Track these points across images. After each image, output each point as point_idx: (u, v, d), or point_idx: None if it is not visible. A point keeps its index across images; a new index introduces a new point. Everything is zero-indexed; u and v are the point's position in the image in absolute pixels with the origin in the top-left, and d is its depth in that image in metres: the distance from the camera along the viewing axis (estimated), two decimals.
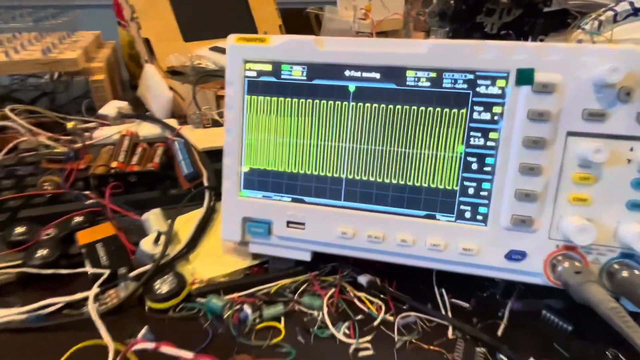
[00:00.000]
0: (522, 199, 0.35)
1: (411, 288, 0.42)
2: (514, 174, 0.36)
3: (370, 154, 0.39)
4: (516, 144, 0.35)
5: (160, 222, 0.47)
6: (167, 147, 0.61)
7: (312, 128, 0.40)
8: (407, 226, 0.39)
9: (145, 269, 0.42)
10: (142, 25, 0.93)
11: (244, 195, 0.42)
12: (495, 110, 0.36)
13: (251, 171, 0.42)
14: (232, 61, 0.40)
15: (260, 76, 0.40)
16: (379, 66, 0.37)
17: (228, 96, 0.41)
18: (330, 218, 0.40)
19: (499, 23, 0.84)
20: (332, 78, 0.39)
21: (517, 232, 0.36)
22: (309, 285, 0.42)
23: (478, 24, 0.84)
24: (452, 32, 0.85)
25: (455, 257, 0.38)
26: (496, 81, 0.35)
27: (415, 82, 0.37)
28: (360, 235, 0.39)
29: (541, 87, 0.34)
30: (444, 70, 0.36)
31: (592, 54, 0.33)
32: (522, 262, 0.37)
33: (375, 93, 0.38)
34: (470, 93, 0.36)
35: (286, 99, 0.40)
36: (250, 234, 0.42)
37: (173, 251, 0.45)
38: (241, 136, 0.41)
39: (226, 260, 0.45)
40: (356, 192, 0.40)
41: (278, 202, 0.41)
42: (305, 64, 0.39)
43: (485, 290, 0.43)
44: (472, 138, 0.37)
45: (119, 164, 0.55)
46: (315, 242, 0.41)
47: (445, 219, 0.38)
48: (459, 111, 0.36)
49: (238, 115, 0.41)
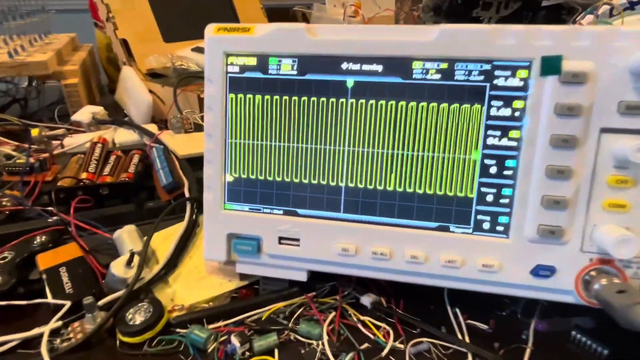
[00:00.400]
0: (550, 207, 0.31)
1: (421, 308, 0.38)
2: (539, 178, 0.31)
3: (373, 159, 0.34)
4: (542, 143, 0.31)
5: (134, 240, 0.42)
6: (144, 155, 0.56)
7: (305, 130, 0.35)
8: (418, 240, 0.34)
9: (117, 296, 0.37)
10: (119, 25, 0.88)
11: (229, 209, 0.37)
12: (517, 105, 0.31)
13: (236, 181, 0.37)
14: (212, 55, 0.35)
15: (244, 71, 0.35)
16: (381, 57, 0.33)
17: (208, 95, 0.35)
18: (329, 232, 0.35)
19: (497, 17, 0.80)
20: (327, 72, 0.34)
21: (544, 244, 0.32)
22: (305, 309, 0.37)
23: (474, 18, 0.80)
24: None
25: (473, 275, 0.33)
26: (517, 71, 0.31)
27: (423, 75, 0.32)
28: (364, 252, 0.34)
29: (570, 77, 0.29)
30: (457, 60, 0.32)
31: (629, 38, 0.29)
32: (550, 279, 0.32)
33: (377, 88, 0.33)
34: (487, 86, 0.31)
35: (275, 97, 0.35)
36: (237, 253, 0.37)
37: (149, 273, 0.40)
38: (224, 141, 0.36)
39: (210, 282, 0.40)
40: (357, 202, 0.35)
41: (268, 216, 0.36)
42: (295, 56, 0.34)
43: (504, 308, 0.38)
44: (490, 138, 0.32)
45: (89, 174, 0.49)
46: (311, 261, 0.36)
47: (460, 230, 0.33)
48: (474, 107, 0.32)
49: (220, 117, 0.35)
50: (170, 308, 0.37)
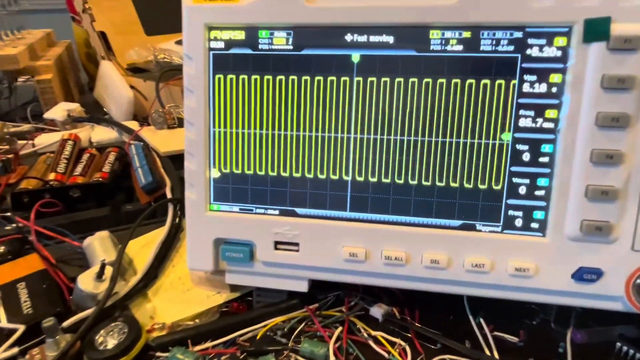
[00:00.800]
0: (596, 199, 0.26)
1: (439, 319, 0.34)
2: (583, 164, 0.26)
3: (384, 147, 0.29)
4: (586, 123, 0.26)
5: (107, 249, 0.37)
6: (122, 153, 0.50)
7: (303, 115, 0.30)
8: (438, 241, 0.29)
9: (85, 315, 0.31)
10: (96, 17, 0.82)
11: (215, 210, 0.32)
12: (554, 79, 0.26)
13: (223, 177, 0.31)
14: (191, 28, 0.30)
15: (230, 47, 0.30)
16: (392, 26, 0.28)
17: (187, 76, 0.30)
18: (333, 235, 0.30)
19: None
20: (329, 45, 0.29)
21: (588, 243, 0.27)
22: (307, 324, 0.33)
23: None
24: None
25: (505, 280, 0.28)
26: (554, 39, 0.26)
27: (442, 46, 0.27)
28: (375, 257, 0.30)
29: (621, 42, 0.25)
30: (482, 28, 0.27)
31: None
32: (596, 284, 0.27)
33: (387, 63, 0.28)
34: (519, 57, 0.27)
35: (267, 76, 0.30)
36: (226, 261, 0.32)
37: (125, 287, 0.34)
38: (208, 130, 0.31)
39: (196, 296, 0.35)
40: (367, 198, 0.30)
41: (262, 217, 0.31)
42: (290, 28, 0.29)
43: (534, 315, 0.34)
44: (522, 119, 0.27)
45: (57, 175, 0.44)
46: (313, 268, 0.31)
47: (488, 229, 0.29)
48: (503, 83, 0.27)
49: (202, 102, 0.30)
50: (149, 327, 0.32)
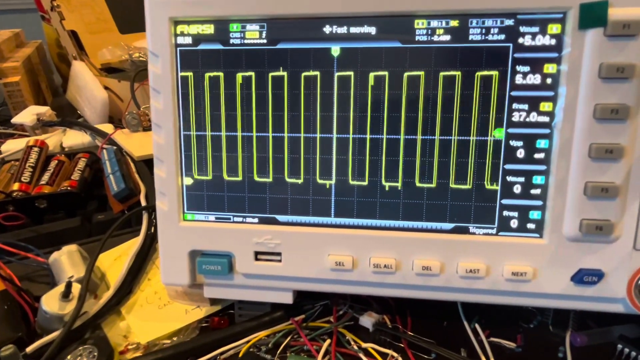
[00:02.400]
0: (596, 196, 0.25)
1: (433, 326, 0.33)
2: (581, 160, 0.25)
3: (369, 147, 0.27)
4: (583, 116, 0.24)
5: (76, 264, 0.34)
6: (93, 158, 0.47)
7: (281, 114, 0.27)
8: (430, 246, 0.27)
9: (51, 338, 0.29)
10: (66, 15, 0.78)
11: (190, 219, 0.29)
12: (549, 69, 0.25)
13: (197, 184, 0.29)
14: (155, 23, 0.27)
15: (198, 43, 0.27)
16: (374, 16, 0.26)
17: (153, 75, 0.28)
18: (317, 243, 0.28)
19: None
20: (306, 39, 0.26)
21: (588, 243, 0.26)
22: (293, 338, 0.31)
23: None
24: None
25: (501, 285, 0.27)
26: (548, 26, 0.24)
27: (428, 37, 0.25)
28: (363, 265, 0.28)
29: (619, 28, 0.23)
30: (470, 15, 0.25)
31: None
32: (597, 286, 0.26)
33: (370, 56, 0.26)
34: (511, 47, 0.25)
35: (240, 73, 0.27)
36: (204, 274, 0.30)
37: (95, 305, 0.32)
38: (178, 133, 0.28)
39: (173, 311, 0.33)
40: (352, 202, 0.28)
41: (240, 226, 0.29)
42: (264, 20, 0.26)
43: (531, 319, 0.32)
44: (515, 113, 0.25)
45: (21, 185, 0.41)
46: (297, 279, 0.29)
47: (482, 231, 0.27)
48: (495, 74, 0.25)
49: (170, 103, 0.28)
50: (122, 348, 0.30)
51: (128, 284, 0.34)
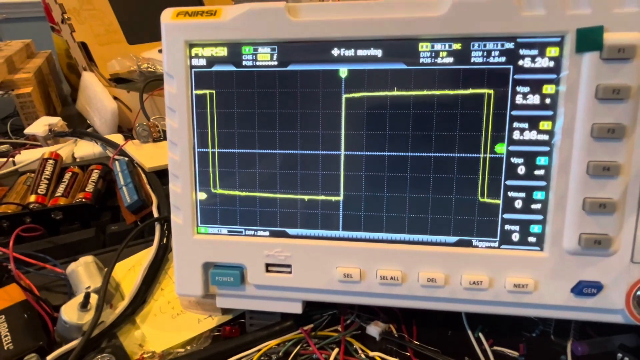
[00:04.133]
0: (595, 212, 0.25)
1: (438, 335, 0.34)
2: (580, 177, 0.26)
3: (376, 164, 0.28)
4: (581, 135, 0.25)
5: (92, 275, 0.35)
6: (106, 170, 0.49)
7: (291, 133, 0.28)
8: (435, 259, 0.28)
9: (71, 347, 0.30)
10: (76, 27, 0.80)
11: (203, 233, 0.31)
12: (548, 90, 0.26)
13: (210, 198, 0.30)
14: (171, 46, 0.28)
15: (212, 64, 0.29)
16: (380, 39, 0.27)
17: (169, 95, 0.29)
18: (326, 255, 0.29)
19: None
20: (315, 61, 0.28)
21: (587, 256, 0.27)
22: (302, 347, 0.32)
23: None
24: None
25: (504, 297, 0.28)
26: (546, 49, 0.25)
27: (432, 59, 0.27)
28: (370, 277, 0.29)
29: (614, 52, 0.24)
30: (472, 39, 0.26)
31: None
32: (596, 297, 0.27)
33: (376, 78, 0.27)
34: (511, 69, 0.26)
35: (252, 94, 0.28)
36: (216, 285, 0.31)
37: (112, 314, 0.33)
38: (192, 150, 0.30)
39: (187, 320, 0.34)
40: (359, 216, 0.29)
41: (252, 239, 0.30)
42: (275, 43, 0.28)
43: (533, 328, 0.33)
44: (516, 131, 0.27)
45: (38, 197, 0.42)
46: (307, 290, 0.30)
47: (485, 245, 0.28)
48: (496, 95, 0.26)
49: (185, 121, 0.29)
50: (138, 357, 0.31)
51: (142, 294, 0.36)
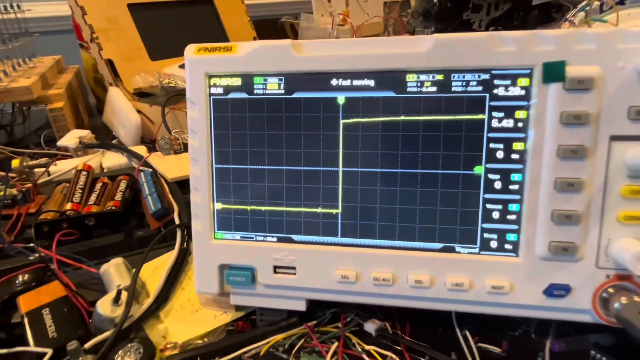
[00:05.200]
0: (561, 222, 0.29)
1: (429, 332, 0.36)
2: (548, 191, 0.29)
3: (370, 179, 0.32)
4: (549, 155, 0.29)
5: (122, 274, 0.40)
6: (132, 180, 0.53)
7: (296, 151, 0.33)
8: (422, 263, 0.32)
9: (105, 337, 0.34)
10: (104, 45, 0.86)
11: (219, 238, 0.35)
12: (519, 115, 0.29)
13: (226, 208, 0.34)
14: (193, 76, 0.33)
15: (228, 93, 0.33)
16: (372, 71, 0.31)
17: (191, 119, 0.33)
18: (326, 259, 0.33)
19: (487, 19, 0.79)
20: (316, 89, 0.32)
21: (557, 262, 0.30)
22: (306, 340, 0.36)
23: (465, 21, 0.79)
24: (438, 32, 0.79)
25: (483, 297, 0.31)
26: (518, 80, 0.29)
27: (417, 88, 0.30)
28: (365, 278, 0.32)
29: (575, 83, 0.27)
30: (453, 71, 0.30)
31: (636, 39, 0.27)
32: (565, 298, 0.30)
33: (369, 104, 0.31)
34: (487, 96, 0.30)
35: (262, 118, 0.33)
36: (231, 284, 0.35)
37: (139, 309, 0.37)
38: (210, 166, 0.34)
39: (204, 316, 0.38)
40: (355, 225, 0.33)
41: (261, 244, 0.34)
42: (282, 75, 0.32)
43: (516, 327, 0.36)
44: (492, 151, 0.30)
45: (73, 205, 0.47)
46: (310, 289, 0.34)
47: (466, 251, 0.31)
48: (474, 120, 0.30)
49: (205, 142, 0.33)
50: (162, 347, 0.35)
51: (165, 292, 0.40)
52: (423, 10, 0.80)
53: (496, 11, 0.79)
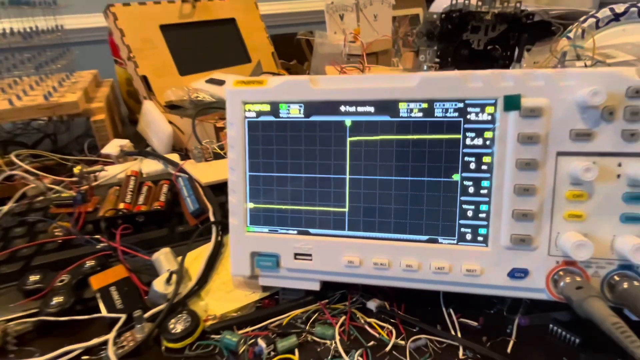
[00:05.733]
0: (520, 219, 0.37)
1: (420, 310, 0.43)
2: (510, 195, 0.37)
3: (371, 184, 0.40)
4: (509, 166, 0.37)
5: (170, 261, 0.49)
6: (172, 184, 0.63)
7: (312, 162, 0.41)
8: (411, 251, 0.40)
9: (159, 309, 0.43)
10: (139, 63, 0.96)
11: (251, 231, 0.44)
12: (487, 135, 0.37)
13: (256, 207, 0.43)
14: (232, 104, 0.42)
15: (259, 116, 0.42)
16: (373, 100, 0.39)
17: (230, 137, 0.42)
18: (336, 248, 0.41)
19: (485, 39, 0.86)
20: (329, 114, 0.40)
21: (517, 250, 0.37)
22: (319, 314, 0.43)
23: (465, 41, 0.87)
24: (441, 50, 0.87)
25: (460, 279, 0.39)
26: (485, 108, 0.37)
27: (408, 114, 0.39)
28: (367, 263, 0.41)
29: (528, 111, 0.35)
30: (435, 101, 0.38)
31: (574, 78, 0.35)
32: (525, 280, 0.38)
33: (370, 126, 0.40)
34: (462, 120, 0.38)
35: (286, 136, 0.41)
36: (260, 268, 0.44)
37: (185, 289, 0.46)
38: (245, 174, 0.43)
39: (237, 295, 0.46)
40: (359, 221, 0.41)
41: (284, 236, 0.43)
42: (302, 103, 0.41)
43: (492, 307, 0.44)
44: (466, 163, 0.38)
45: (126, 204, 0.57)
46: (323, 272, 0.42)
47: (447, 242, 0.40)
48: (452, 138, 0.38)
49: (240, 154, 0.42)
50: (204, 318, 0.43)
51: (205, 276, 0.48)
52: (427, 31, 0.88)
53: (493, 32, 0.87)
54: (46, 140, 1.02)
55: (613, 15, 1.07)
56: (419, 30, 0.89)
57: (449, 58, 0.88)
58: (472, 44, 0.87)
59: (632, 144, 0.34)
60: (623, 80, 0.34)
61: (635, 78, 0.34)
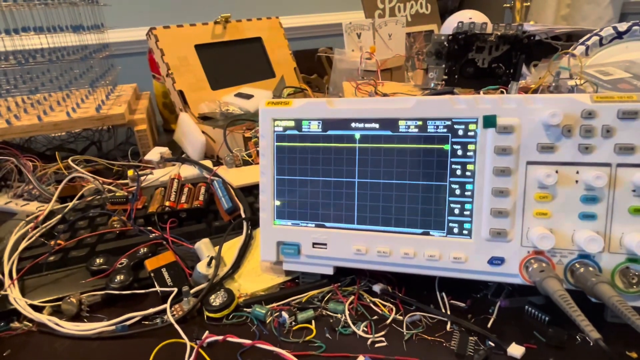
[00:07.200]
0: (497, 216, 0.45)
1: (417, 293, 0.51)
2: (488, 196, 0.45)
3: (376, 186, 0.49)
4: (488, 173, 0.45)
5: (209, 249, 0.58)
6: (208, 186, 0.73)
7: (328, 168, 0.51)
8: (408, 242, 0.48)
9: (202, 287, 0.53)
10: (177, 79, 1.07)
11: (277, 224, 0.53)
12: (470, 147, 0.46)
13: (282, 204, 0.53)
14: (264, 120, 0.52)
15: (286, 130, 0.51)
16: (377, 118, 0.48)
17: (262, 146, 0.52)
18: (347, 238, 0.50)
19: (489, 58, 0.95)
20: (342, 129, 0.50)
21: (495, 242, 0.46)
22: (333, 295, 0.52)
23: (470, 60, 0.95)
24: (448, 68, 0.96)
25: (448, 265, 0.47)
26: (469, 125, 0.46)
27: (406, 129, 0.48)
28: (372, 251, 0.49)
29: (503, 128, 0.44)
30: (428, 119, 0.47)
31: (540, 102, 0.43)
32: (502, 266, 0.46)
33: (376, 138, 0.49)
34: (450, 135, 0.46)
35: (307, 146, 0.51)
36: (284, 255, 0.53)
37: (222, 272, 0.56)
38: (273, 177, 0.52)
39: (265, 278, 0.55)
40: (366, 216, 0.50)
41: (304, 228, 0.52)
42: (320, 120, 0.50)
43: (479, 292, 0.52)
44: (454, 170, 0.47)
45: (171, 203, 0.67)
46: (336, 259, 0.51)
47: (438, 234, 0.48)
48: (442, 150, 0.47)
49: (270, 161, 0.52)
50: (238, 295, 0.53)
51: (237, 263, 0.58)
52: (435, 50, 0.97)
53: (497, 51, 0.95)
54: (92, 147, 1.15)
55: (616, 34, 1.14)
56: (429, 50, 0.98)
57: (456, 75, 0.97)
58: (477, 63, 0.96)
59: (587, 156, 0.42)
60: (579, 105, 0.42)
61: (588, 103, 0.42)
